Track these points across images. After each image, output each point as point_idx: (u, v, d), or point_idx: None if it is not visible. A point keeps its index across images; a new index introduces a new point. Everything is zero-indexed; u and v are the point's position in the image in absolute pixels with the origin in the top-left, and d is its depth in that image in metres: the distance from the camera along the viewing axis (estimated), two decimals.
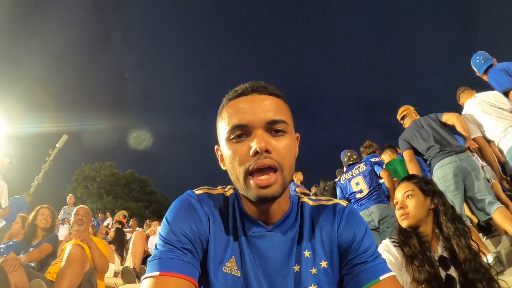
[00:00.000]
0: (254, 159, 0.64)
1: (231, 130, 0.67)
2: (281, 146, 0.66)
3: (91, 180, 28.07)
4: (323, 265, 0.73)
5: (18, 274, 2.47)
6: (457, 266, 1.36)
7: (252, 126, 0.66)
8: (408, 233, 1.46)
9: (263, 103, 0.68)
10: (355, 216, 0.79)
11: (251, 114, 0.66)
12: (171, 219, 0.71)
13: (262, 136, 0.65)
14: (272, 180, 0.64)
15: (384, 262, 0.74)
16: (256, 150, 0.63)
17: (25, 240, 3.29)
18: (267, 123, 0.66)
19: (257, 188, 0.64)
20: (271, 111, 0.67)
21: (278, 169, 0.65)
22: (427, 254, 1.35)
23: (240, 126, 0.66)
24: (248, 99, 0.69)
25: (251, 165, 0.64)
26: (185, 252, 0.67)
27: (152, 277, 0.62)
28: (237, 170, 0.67)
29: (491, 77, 2.59)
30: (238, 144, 0.67)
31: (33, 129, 15.30)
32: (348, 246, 0.74)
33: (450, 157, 2.65)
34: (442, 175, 2.65)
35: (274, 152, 0.65)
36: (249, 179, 0.65)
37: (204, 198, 0.76)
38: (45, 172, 10.85)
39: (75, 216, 3.03)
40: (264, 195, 0.64)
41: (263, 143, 0.63)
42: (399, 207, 1.52)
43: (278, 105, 0.70)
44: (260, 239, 0.73)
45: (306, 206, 0.80)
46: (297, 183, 6.28)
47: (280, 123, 0.67)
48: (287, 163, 0.67)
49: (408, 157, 2.98)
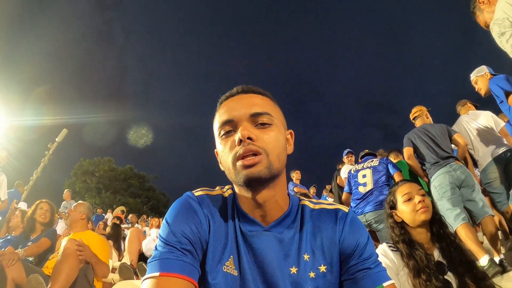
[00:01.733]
0: (240, 147, 0.67)
1: (220, 126, 0.73)
2: (266, 135, 0.70)
3: (90, 175, 28.10)
4: (322, 270, 0.74)
5: (15, 268, 2.47)
6: (454, 271, 1.37)
7: (238, 120, 0.71)
8: (414, 244, 1.46)
9: (248, 100, 0.74)
10: (358, 223, 0.80)
11: (237, 110, 0.72)
12: (171, 221, 0.72)
13: (245, 126, 0.69)
14: (257, 160, 0.66)
15: (385, 270, 0.75)
16: (240, 138, 0.67)
17: (24, 234, 3.29)
18: (251, 115, 0.71)
19: (243, 168, 0.67)
20: (256, 105, 0.73)
21: (262, 153, 0.68)
22: (433, 268, 1.35)
23: (227, 121, 0.71)
24: (235, 98, 0.75)
25: (237, 152, 0.67)
26: (185, 253, 0.68)
27: (153, 278, 0.63)
28: (227, 160, 0.70)
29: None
30: (227, 138, 0.72)
31: (33, 122, 15.29)
32: (350, 252, 0.75)
33: (445, 167, 2.94)
34: (438, 184, 2.93)
35: (259, 140, 0.69)
36: (236, 163, 0.68)
37: (203, 199, 0.77)
38: (44, 166, 10.84)
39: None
40: (250, 174, 0.66)
41: (245, 131, 0.68)
42: (421, 200, 1.51)
43: (263, 101, 0.75)
44: (257, 238, 0.73)
45: (306, 208, 0.80)
46: (295, 182, 6.27)
47: (264, 115, 0.72)
48: (272, 150, 0.69)
49: (407, 154, 3.23)
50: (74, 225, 2.91)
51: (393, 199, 1.63)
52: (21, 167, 9.25)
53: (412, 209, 1.52)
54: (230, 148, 0.69)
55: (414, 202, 1.53)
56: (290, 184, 6.12)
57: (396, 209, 1.60)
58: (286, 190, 0.78)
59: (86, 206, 3.10)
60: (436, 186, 2.95)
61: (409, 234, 1.51)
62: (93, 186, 27.71)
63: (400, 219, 1.57)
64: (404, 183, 1.64)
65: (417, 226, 1.51)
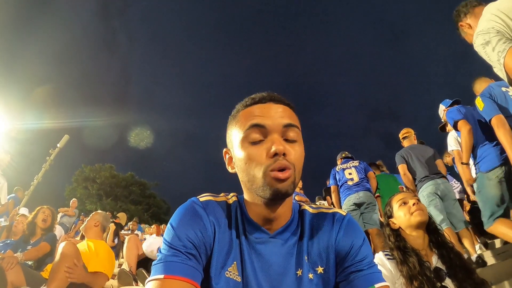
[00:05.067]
0: (272, 160, 0.67)
1: (249, 129, 0.71)
2: (294, 151, 0.70)
3: (91, 181, 28.12)
4: (320, 271, 0.75)
5: (14, 272, 2.47)
6: (454, 277, 1.37)
7: (269, 129, 0.70)
8: (407, 251, 1.46)
9: (278, 110, 0.73)
10: (354, 225, 0.81)
11: (269, 118, 0.71)
12: (176, 225, 0.73)
13: (279, 140, 0.69)
14: (288, 175, 0.67)
15: (379, 272, 0.76)
16: (275, 152, 0.67)
17: (23, 238, 3.30)
18: (284, 126, 0.71)
19: (275, 181, 0.67)
20: (286, 117, 0.72)
21: (291, 169, 0.68)
22: (427, 275, 1.36)
23: (258, 125, 0.70)
24: (265, 106, 0.74)
25: (271, 165, 0.67)
26: (189, 256, 0.69)
27: (157, 280, 0.64)
28: (254, 170, 0.69)
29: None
30: (254, 146, 0.70)
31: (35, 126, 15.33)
32: (345, 254, 0.76)
33: (433, 180, 3.47)
34: (426, 193, 3.44)
35: (290, 155, 0.69)
36: (268, 174, 0.67)
37: (208, 205, 0.78)
38: (45, 171, 10.85)
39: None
40: (281, 188, 0.67)
41: (281, 146, 0.67)
42: (415, 202, 1.56)
43: (291, 114, 0.75)
44: (263, 245, 0.75)
45: (306, 213, 0.82)
46: (296, 190, 6.26)
47: (294, 127, 0.72)
48: (297, 167, 0.70)
49: (402, 170, 3.74)
50: (88, 232, 2.94)
51: (389, 208, 1.66)
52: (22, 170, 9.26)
53: (406, 212, 1.54)
54: (260, 157, 0.68)
55: (408, 205, 1.56)
56: None
57: (392, 218, 1.62)
58: (292, 200, 0.80)
59: (102, 215, 3.13)
60: (424, 195, 3.44)
61: (404, 241, 1.52)
62: (94, 193, 27.70)
63: (397, 226, 1.59)
64: (399, 193, 1.69)
65: (413, 231, 1.52)
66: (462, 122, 2.76)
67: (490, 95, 2.53)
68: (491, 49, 1.50)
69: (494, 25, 1.53)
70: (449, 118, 2.96)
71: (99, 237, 3.00)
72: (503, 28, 1.49)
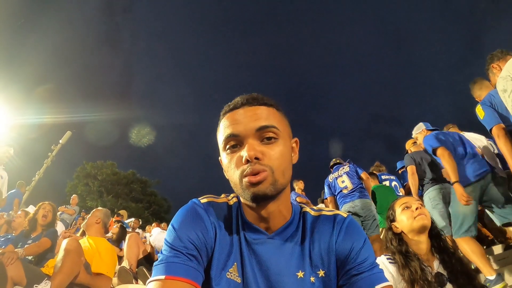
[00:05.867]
0: (246, 166, 0.68)
1: (225, 140, 0.72)
2: (272, 152, 0.70)
3: (92, 178, 28.10)
4: (321, 274, 0.75)
5: (14, 267, 2.47)
6: (455, 282, 1.36)
7: (243, 136, 0.70)
8: (409, 255, 1.46)
9: (253, 113, 0.72)
10: (355, 227, 0.80)
11: (242, 124, 0.71)
12: (177, 226, 0.74)
13: (252, 144, 0.69)
14: (262, 177, 0.67)
15: (381, 272, 0.75)
16: (246, 159, 0.67)
17: (24, 233, 3.31)
18: (256, 130, 0.70)
19: (249, 186, 0.67)
20: (261, 118, 0.71)
21: (267, 171, 0.68)
22: (428, 279, 1.35)
23: (232, 135, 0.71)
24: (239, 111, 0.73)
25: (245, 171, 0.68)
26: (190, 258, 0.69)
27: (158, 280, 0.65)
28: (233, 176, 0.70)
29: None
30: (232, 153, 0.71)
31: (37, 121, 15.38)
32: (346, 257, 0.76)
33: (438, 185, 3.59)
34: (432, 196, 3.55)
35: (265, 158, 0.69)
36: (242, 179, 0.68)
37: (209, 206, 0.79)
38: (46, 167, 10.90)
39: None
40: (256, 191, 0.67)
41: (252, 151, 0.67)
42: (418, 206, 1.55)
43: (268, 113, 0.74)
44: (261, 246, 0.75)
45: (308, 216, 0.82)
46: (298, 192, 6.25)
47: (270, 128, 0.71)
48: (277, 167, 0.69)
49: (411, 171, 3.81)
50: (89, 229, 2.95)
51: (392, 212, 1.65)
52: (23, 166, 9.29)
53: (409, 216, 1.53)
54: (236, 165, 0.70)
55: (411, 209, 1.55)
56: (292, 193, 6.10)
57: (395, 222, 1.61)
58: (289, 199, 0.80)
59: (103, 212, 3.14)
60: (430, 198, 3.56)
61: (406, 245, 1.51)
62: (95, 190, 27.69)
63: (399, 230, 1.58)
64: (402, 197, 1.68)
65: (416, 235, 1.52)
66: (441, 149, 2.91)
67: (490, 104, 2.57)
68: (507, 96, 1.83)
69: (510, 74, 1.85)
70: (427, 145, 3.10)
71: (100, 234, 3.00)
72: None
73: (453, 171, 2.81)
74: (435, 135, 3.11)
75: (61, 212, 7.69)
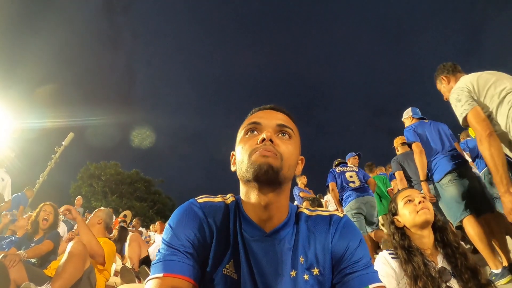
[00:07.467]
0: (261, 145, 0.72)
1: (247, 126, 0.79)
2: (285, 145, 0.75)
3: (96, 179, 28.29)
4: (315, 273, 0.76)
5: (17, 269, 2.47)
6: (459, 277, 1.34)
7: (264, 125, 0.78)
8: (412, 250, 1.43)
9: (276, 114, 0.82)
10: (350, 227, 0.82)
11: (265, 118, 0.80)
12: (174, 225, 0.76)
13: (271, 132, 0.75)
14: (271, 154, 0.71)
15: (375, 272, 0.76)
16: (263, 138, 0.72)
17: (27, 235, 3.31)
18: (277, 125, 0.78)
19: (258, 157, 0.70)
20: (282, 120, 0.80)
21: (278, 155, 0.72)
22: (431, 275, 1.33)
23: (255, 123, 0.79)
24: (266, 111, 0.83)
25: (258, 148, 0.72)
26: (188, 255, 0.72)
27: (156, 278, 0.68)
28: (245, 155, 0.73)
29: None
30: (249, 137, 0.77)
31: (39, 124, 15.43)
32: (341, 256, 0.77)
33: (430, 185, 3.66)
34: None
35: (279, 146, 0.73)
36: (252, 155, 0.72)
37: (206, 206, 0.81)
38: (50, 169, 10.95)
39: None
40: (263, 162, 0.69)
41: (269, 133, 0.73)
42: (421, 200, 1.50)
43: (288, 119, 0.83)
44: (257, 243, 0.76)
45: (303, 215, 0.83)
46: (300, 187, 6.25)
47: (288, 128, 0.79)
48: (286, 158, 0.73)
49: (399, 176, 3.83)
50: (91, 229, 2.94)
51: (394, 205, 1.61)
52: (26, 169, 9.34)
53: (412, 210, 1.50)
54: (251, 144, 0.74)
55: (414, 203, 1.51)
56: (295, 188, 6.11)
57: (397, 215, 1.57)
58: (288, 200, 0.81)
59: (106, 212, 3.13)
60: None
61: (409, 240, 1.48)
62: (99, 190, 27.87)
63: (401, 224, 1.54)
64: (404, 189, 1.64)
65: (418, 230, 1.48)
66: (415, 144, 2.99)
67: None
68: (460, 106, 1.97)
69: (467, 87, 2.00)
70: (406, 136, 3.18)
71: (102, 234, 3.00)
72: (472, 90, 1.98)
73: (421, 169, 2.90)
74: (414, 128, 3.14)
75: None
